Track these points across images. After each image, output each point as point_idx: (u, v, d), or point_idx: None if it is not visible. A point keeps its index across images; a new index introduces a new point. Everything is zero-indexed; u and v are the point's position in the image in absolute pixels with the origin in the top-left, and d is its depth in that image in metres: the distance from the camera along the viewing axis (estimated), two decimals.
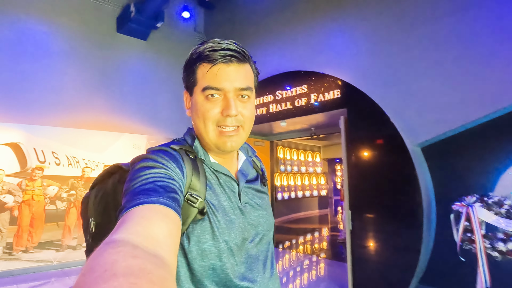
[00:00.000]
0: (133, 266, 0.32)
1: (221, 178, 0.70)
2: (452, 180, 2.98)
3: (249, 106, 0.69)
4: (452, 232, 2.42)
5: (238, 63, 0.66)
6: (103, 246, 0.36)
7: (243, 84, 0.66)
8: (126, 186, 0.55)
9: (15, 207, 3.77)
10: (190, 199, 0.61)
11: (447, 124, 2.83)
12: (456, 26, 2.72)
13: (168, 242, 0.43)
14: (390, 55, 3.11)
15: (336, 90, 3.37)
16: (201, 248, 0.61)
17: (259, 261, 0.70)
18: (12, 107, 3.91)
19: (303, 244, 6.07)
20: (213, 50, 0.65)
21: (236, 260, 0.64)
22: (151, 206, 0.48)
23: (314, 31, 3.82)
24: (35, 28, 4.14)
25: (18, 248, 3.75)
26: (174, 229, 0.48)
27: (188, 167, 0.64)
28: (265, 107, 4.15)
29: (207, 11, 5.81)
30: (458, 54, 2.73)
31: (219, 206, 0.65)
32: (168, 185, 0.55)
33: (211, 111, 0.65)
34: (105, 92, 4.62)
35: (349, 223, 3.14)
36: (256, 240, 0.70)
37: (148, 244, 0.39)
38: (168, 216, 0.48)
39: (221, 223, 0.64)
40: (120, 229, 0.42)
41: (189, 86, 0.70)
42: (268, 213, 0.77)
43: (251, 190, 0.75)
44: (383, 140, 2.96)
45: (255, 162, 0.84)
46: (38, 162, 3.94)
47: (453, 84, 2.77)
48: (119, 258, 0.33)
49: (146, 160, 0.59)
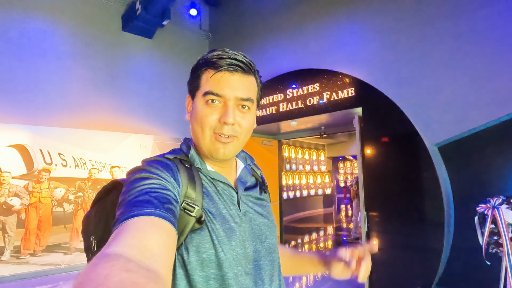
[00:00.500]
0: (125, 281, 0.31)
1: (219, 186, 0.69)
2: (472, 181, 2.89)
3: (248, 117, 0.69)
4: (471, 234, 2.35)
5: (242, 73, 0.67)
6: (96, 260, 0.36)
7: (244, 94, 0.66)
8: (121, 198, 0.55)
9: (22, 209, 3.71)
10: (186, 208, 0.60)
11: (467, 123, 2.75)
12: (478, 22, 2.63)
13: (163, 254, 0.43)
14: (406, 52, 3.02)
15: (350, 89, 3.29)
16: (201, 258, 0.59)
17: (265, 271, 0.67)
18: (18, 108, 3.83)
19: (312, 244, 6.01)
20: (220, 57, 0.66)
21: (240, 270, 0.62)
22: (146, 218, 0.47)
23: (326, 28, 3.73)
24: (40, 28, 4.05)
25: (26, 251, 3.68)
26: (170, 241, 0.47)
27: (183, 176, 0.63)
28: (275, 106, 4.07)
29: (212, 9, 5.71)
30: (479, 51, 2.65)
31: (217, 214, 0.64)
32: (163, 196, 0.54)
33: (209, 117, 0.65)
34: (111, 92, 4.54)
35: (364, 224, 3.07)
36: (260, 249, 0.68)
37: (142, 257, 0.39)
38: (163, 227, 0.48)
39: (220, 231, 0.62)
40: (114, 243, 0.41)
41: (192, 90, 0.70)
42: (270, 220, 0.75)
43: (250, 198, 0.73)
44: (401, 139, 2.88)
45: (254, 170, 0.83)
46: (45, 164, 3.87)
47: (474, 82, 2.69)
48: (112, 272, 0.32)
49: (140, 172, 0.59)
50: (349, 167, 16.36)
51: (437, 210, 2.65)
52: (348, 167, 16.27)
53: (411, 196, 2.81)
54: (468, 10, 2.68)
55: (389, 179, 2.95)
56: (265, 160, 5.07)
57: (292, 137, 5.35)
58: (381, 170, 3.02)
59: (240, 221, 0.67)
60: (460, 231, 2.85)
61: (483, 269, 2.33)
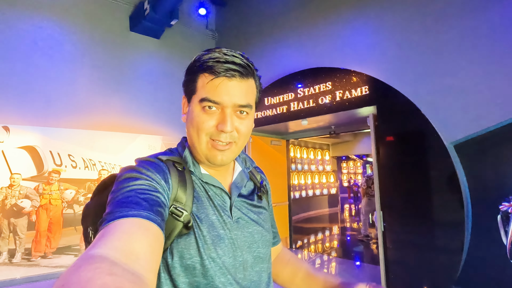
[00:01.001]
0: (109, 284, 0.31)
1: (211, 190, 0.67)
2: (489, 180, 2.86)
3: (246, 122, 0.67)
4: (489, 233, 2.32)
5: (241, 78, 0.64)
6: (80, 262, 0.35)
7: (243, 100, 0.64)
8: (110, 197, 0.54)
9: (33, 211, 3.68)
10: (174, 212, 0.59)
11: (483, 122, 2.71)
12: (495, 18, 2.60)
13: (148, 258, 0.42)
14: (421, 49, 2.99)
15: (364, 87, 3.26)
16: (184, 264, 0.58)
17: (254, 282, 0.65)
18: (27, 109, 3.81)
19: (319, 243, 5.98)
20: (218, 61, 0.63)
21: (229, 279, 0.60)
22: (133, 220, 0.47)
23: (337, 26, 3.69)
24: (48, 28, 4.03)
25: (37, 253, 3.66)
26: (156, 244, 0.46)
27: (174, 179, 0.62)
28: (286, 105, 4.04)
29: (218, 8, 5.69)
30: (496, 48, 2.61)
31: (205, 220, 0.62)
32: (152, 198, 0.53)
33: (206, 123, 0.64)
34: (119, 92, 4.52)
35: (380, 223, 3.04)
36: (250, 258, 0.66)
37: (127, 260, 0.38)
38: (150, 230, 0.47)
39: (206, 238, 0.60)
40: (98, 244, 0.40)
41: (188, 92, 0.68)
42: (265, 229, 0.72)
43: (245, 204, 0.71)
44: (418, 137, 2.85)
45: (254, 174, 0.80)
46: (55, 165, 3.84)
47: (491, 79, 2.65)
48: (95, 276, 0.32)
49: (131, 171, 0.58)
50: (352, 166, 16.33)
51: (456, 208, 2.61)
52: (352, 167, 16.24)
53: (429, 195, 2.78)
54: (485, 5, 2.64)
55: (406, 177, 2.92)
56: (274, 160, 5.04)
57: (301, 137, 5.32)
58: (397, 169, 2.98)
59: (231, 228, 0.65)
60: (478, 230, 2.82)
61: (504, 268, 2.29)
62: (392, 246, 2.96)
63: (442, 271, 2.70)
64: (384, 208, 3.02)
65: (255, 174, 0.81)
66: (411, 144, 2.91)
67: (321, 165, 10.12)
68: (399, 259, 2.93)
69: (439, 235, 2.74)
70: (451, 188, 2.65)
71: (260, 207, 0.75)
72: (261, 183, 0.80)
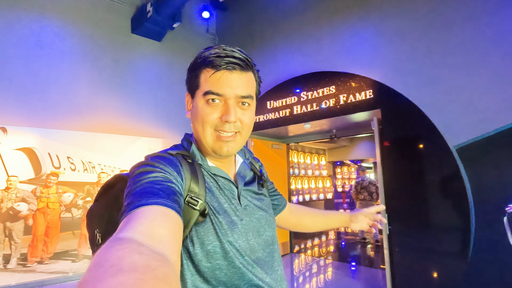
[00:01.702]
0: (138, 262, 0.32)
1: (220, 181, 0.71)
2: (491, 183, 2.90)
3: (249, 113, 0.71)
4: (492, 236, 2.35)
5: (241, 70, 0.68)
6: (109, 243, 0.37)
7: (244, 92, 0.68)
8: (127, 191, 0.56)
9: (30, 215, 3.57)
10: (190, 202, 0.62)
11: (485, 126, 2.76)
12: (498, 23, 2.67)
13: (171, 241, 0.44)
14: (424, 54, 3.05)
15: (368, 91, 3.30)
16: (206, 250, 0.62)
17: (266, 263, 0.70)
18: (26, 110, 3.72)
19: (319, 248, 5.96)
20: (218, 56, 0.67)
21: (245, 260, 0.65)
22: (153, 207, 0.49)
23: (340, 31, 3.75)
24: (48, 29, 3.97)
25: (33, 259, 3.54)
26: (176, 229, 0.49)
27: (186, 171, 0.65)
28: (289, 109, 4.06)
29: (220, 12, 5.72)
30: (498, 52, 2.68)
31: (219, 208, 0.66)
32: (168, 187, 0.56)
33: (210, 116, 0.67)
34: (120, 95, 4.46)
35: (386, 226, 3.05)
36: (260, 242, 0.70)
37: (152, 242, 0.40)
38: (169, 216, 0.49)
39: (222, 224, 0.64)
40: (124, 229, 0.42)
41: (192, 89, 0.72)
42: (269, 213, 0.78)
43: (249, 193, 0.76)
44: (423, 141, 2.89)
45: (253, 164, 0.86)
46: (53, 168, 3.75)
47: (493, 83, 2.72)
48: (125, 254, 0.34)
49: (144, 166, 0.60)
50: (347, 172, 16.43)
51: (462, 212, 2.64)
52: (346, 172, 16.34)
53: (434, 198, 2.81)
54: (487, 11, 2.72)
55: (411, 181, 2.94)
56: (275, 164, 5.03)
57: (301, 141, 5.33)
58: (402, 172, 3.01)
59: (241, 214, 0.69)
60: (481, 233, 2.85)
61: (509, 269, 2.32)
62: (398, 249, 2.97)
63: (448, 274, 2.71)
64: (389, 211, 3.04)
65: (254, 164, 0.86)
66: (416, 147, 2.94)
67: (318, 169, 10.16)
68: (405, 262, 2.94)
69: (444, 238, 2.76)
70: (456, 191, 2.68)
71: (261, 194, 0.80)
72: (260, 171, 0.86)
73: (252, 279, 0.64)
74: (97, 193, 0.77)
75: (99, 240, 0.70)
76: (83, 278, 0.31)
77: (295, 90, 4.01)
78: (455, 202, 2.71)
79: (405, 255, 2.94)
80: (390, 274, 2.98)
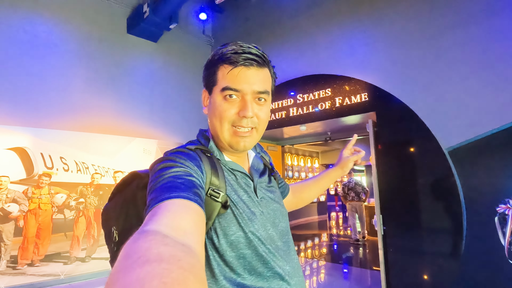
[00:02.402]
0: (164, 253, 0.34)
1: (237, 175, 0.73)
2: (482, 185, 2.98)
3: (265, 109, 0.72)
4: (483, 237, 2.41)
5: (258, 67, 0.69)
6: (136, 235, 0.38)
7: (261, 87, 0.69)
8: (149, 187, 0.57)
9: (21, 216, 3.49)
10: (212, 194, 0.63)
11: (477, 129, 2.85)
12: (489, 30, 2.77)
13: (194, 232, 0.45)
14: (418, 58, 3.12)
15: (364, 94, 3.36)
16: (230, 240, 0.64)
17: (284, 252, 0.72)
18: (18, 109, 3.65)
19: (312, 250, 5.99)
20: (235, 52, 0.68)
21: (267, 249, 0.67)
22: (175, 201, 0.50)
23: (336, 35, 3.81)
24: (43, 28, 3.92)
25: (23, 261, 3.45)
26: (199, 220, 0.50)
27: (206, 164, 0.66)
28: (285, 111, 4.09)
29: (216, 14, 5.74)
30: (489, 58, 2.77)
31: (239, 200, 0.68)
32: (189, 181, 0.57)
33: (228, 111, 0.68)
34: (114, 95, 4.42)
35: (380, 227, 3.10)
36: (277, 232, 0.73)
37: (176, 234, 0.41)
38: (192, 208, 0.50)
39: (243, 215, 0.67)
40: (149, 222, 0.44)
41: (209, 85, 0.73)
42: (281, 205, 0.80)
43: (263, 185, 0.78)
44: (417, 143, 2.95)
45: (264, 157, 0.88)
46: (46, 168, 3.68)
47: (484, 87, 2.81)
48: (152, 246, 0.35)
49: (165, 162, 0.62)
50: None
51: (455, 212, 2.71)
52: None
53: (428, 199, 2.87)
54: (479, 19, 2.82)
55: (405, 182, 3.00)
56: None
57: (296, 143, 5.38)
58: (396, 174, 3.07)
59: (259, 206, 0.72)
60: (472, 233, 2.92)
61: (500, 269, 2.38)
62: (392, 250, 3.02)
63: (441, 273, 2.77)
64: (384, 212, 3.09)
65: (264, 157, 0.89)
66: (411, 149, 3.01)
67: (311, 172, 10.23)
68: (399, 262, 2.99)
69: (438, 239, 2.82)
70: (449, 192, 2.75)
71: (272, 186, 0.82)
72: (271, 164, 0.89)
73: (274, 267, 0.66)
74: (112, 191, 0.78)
75: (116, 238, 0.72)
76: (114, 267, 0.32)
77: (291, 93, 4.05)
78: (448, 203, 2.77)
79: (399, 256, 2.99)
80: (385, 274, 3.03)
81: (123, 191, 0.75)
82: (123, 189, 0.76)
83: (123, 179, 0.76)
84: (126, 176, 0.76)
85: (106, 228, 0.76)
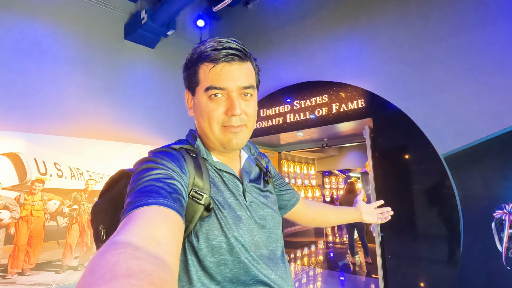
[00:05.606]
0: (134, 268, 0.32)
1: (224, 176, 0.70)
2: (477, 190, 3.00)
3: (252, 104, 0.70)
4: (479, 243, 2.42)
5: (240, 61, 0.67)
6: (105, 248, 0.36)
7: (245, 82, 0.67)
8: (129, 189, 0.56)
9: (12, 223, 3.40)
10: (195, 196, 0.61)
11: (472, 135, 2.88)
12: (483, 37, 2.82)
13: (169, 243, 0.43)
14: (414, 65, 3.17)
15: (360, 100, 3.39)
16: (211, 245, 0.61)
17: (271, 260, 0.69)
18: (12, 114, 3.60)
19: (308, 257, 5.93)
20: (215, 49, 0.65)
21: (251, 256, 0.64)
22: (152, 208, 0.48)
23: (332, 42, 3.86)
24: (39, 33, 3.90)
25: (14, 270, 3.35)
26: (176, 230, 0.47)
27: (190, 165, 0.64)
28: (282, 117, 4.10)
29: (213, 22, 5.79)
30: (484, 64, 2.82)
31: (224, 203, 0.65)
32: (170, 186, 0.55)
33: (215, 111, 0.66)
34: (110, 100, 4.40)
35: (378, 233, 3.09)
36: (265, 239, 0.70)
37: (149, 245, 0.39)
38: (169, 217, 0.48)
39: (227, 219, 0.64)
40: (121, 231, 0.42)
41: (191, 86, 0.70)
42: (274, 210, 0.77)
43: (254, 189, 0.75)
44: (413, 149, 2.97)
45: (259, 159, 0.85)
46: (39, 174, 3.61)
47: (479, 94, 2.85)
48: (120, 260, 0.33)
49: (147, 162, 0.60)
50: (335, 182, 16.61)
51: (452, 218, 2.71)
52: (334, 182, 16.51)
53: (425, 206, 2.88)
54: (473, 27, 2.88)
55: (402, 189, 3.01)
56: None
57: (293, 149, 5.38)
58: (393, 179, 3.08)
59: (246, 210, 0.68)
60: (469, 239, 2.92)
61: (497, 275, 2.38)
62: (390, 256, 3.00)
63: (439, 279, 2.76)
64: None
65: (260, 160, 0.85)
66: (407, 155, 3.02)
67: (307, 179, 10.22)
68: (398, 269, 2.97)
69: (435, 245, 2.81)
70: (445, 198, 2.76)
71: (267, 191, 0.78)
72: (266, 168, 0.84)
73: (258, 275, 0.63)
74: (102, 189, 0.76)
75: (104, 236, 0.69)
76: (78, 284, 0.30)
77: (288, 99, 4.07)
78: (444, 209, 2.78)
79: (396, 262, 2.97)
80: (383, 281, 3.00)
81: (111, 189, 0.74)
82: (112, 187, 0.74)
83: (112, 177, 0.74)
84: (114, 174, 0.74)
85: (94, 226, 0.74)
